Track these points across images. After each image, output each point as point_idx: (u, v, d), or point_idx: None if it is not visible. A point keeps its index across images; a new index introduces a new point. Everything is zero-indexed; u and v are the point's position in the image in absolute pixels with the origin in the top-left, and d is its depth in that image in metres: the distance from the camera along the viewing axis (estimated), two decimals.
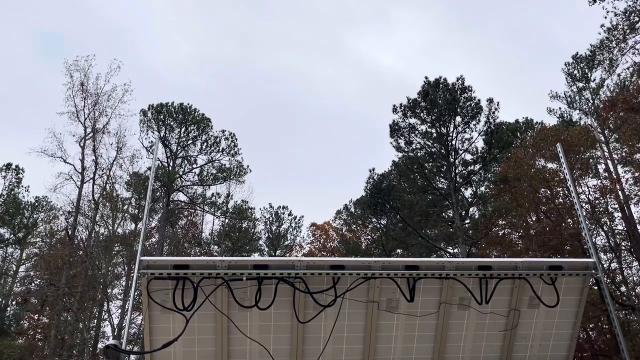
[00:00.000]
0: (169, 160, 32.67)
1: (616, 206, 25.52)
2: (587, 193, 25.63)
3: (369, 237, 38.27)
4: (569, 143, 24.09)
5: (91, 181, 28.13)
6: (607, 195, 24.96)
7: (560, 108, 32.20)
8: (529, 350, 5.43)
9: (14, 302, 33.37)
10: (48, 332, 26.42)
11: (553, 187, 25.27)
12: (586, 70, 30.33)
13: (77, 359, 25.07)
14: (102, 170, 28.45)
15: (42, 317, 31.08)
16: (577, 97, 30.81)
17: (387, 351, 5.22)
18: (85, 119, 29.14)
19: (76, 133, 29.66)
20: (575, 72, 30.63)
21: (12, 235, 33.80)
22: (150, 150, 30.52)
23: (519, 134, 33.29)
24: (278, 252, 40.06)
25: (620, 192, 24.97)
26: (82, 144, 28.69)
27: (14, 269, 34.69)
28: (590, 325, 29.15)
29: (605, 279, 5.23)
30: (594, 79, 30.20)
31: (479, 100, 28.39)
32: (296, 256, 39.80)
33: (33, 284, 31.84)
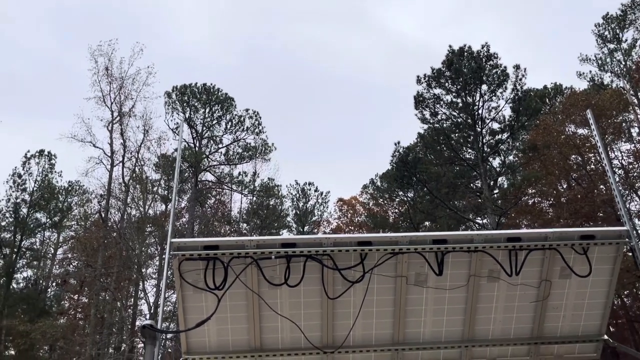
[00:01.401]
0: (195, 141, 33.02)
1: None
2: (620, 158, 24.96)
3: (396, 210, 38.18)
4: (600, 107, 23.38)
5: (121, 164, 28.73)
6: None
7: (590, 71, 31.17)
8: (561, 320, 5.39)
9: (54, 284, 34.72)
10: (88, 311, 27.42)
11: (584, 153, 24.66)
12: (617, 31, 29.17)
13: (117, 336, 25.99)
14: (131, 153, 29.00)
15: (81, 297, 32.23)
16: (608, 59, 29.73)
17: (416, 324, 5.25)
18: (112, 103, 29.62)
19: (103, 117, 30.26)
20: (606, 33, 29.51)
21: (48, 220, 34.90)
22: (176, 132, 30.90)
23: (547, 100, 32.44)
24: (306, 228, 40.39)
25: None
26: (110, 128, 29.24)
27: (52, 252, 35.96)
28: (625, 292, 28.71)
29: (639, 246, 5.12)
30: (626, 40, 29.07)
31: (505, 67, 27.73)
32: (324, 232, 40.10)
33: (71, 266, 32.98)
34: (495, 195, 29.37)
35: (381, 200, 39.70)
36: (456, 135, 29.82)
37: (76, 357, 24.34)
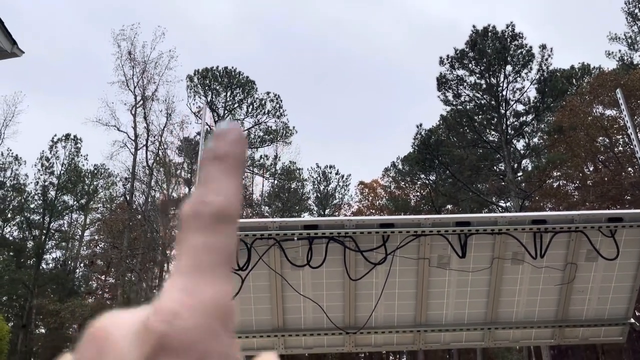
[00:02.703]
0: (216, 124, 33.21)
1: None
2: None
3: (418, 193, 37.99)
4: (629, 87, 22.73)
5: (144, 148, 29.12)
6: None
7: (620, 50, 30.27)
8: (587, 303, 5.33)
9: (81, 265, 35.61)
10: (115, 291, 28.12)
11: (612, 135, 24.11)
12: None
13: None
14: (154, 137, 29.36)
15: (108, 278, 33.04)
16: (638, 38, 28.82)
17: (439, 307, 5.25)
18: (135, 87, 29.94)
19: (127, 101, 30.65)
20: (636, 10, 28.54)
21: (75, 202, 35.70)
22: (199, 115, 31.12)
23: (574, 80, 31.66)
24: (327, 211, 40.51)
25: None
26: (133, 112, 29.61)
27: (80, 233, 36.83)
28: None
29: None
30: None
31: (530, 47, 27.14)
32: (345, 215, 40.20)
33: (98, 247, 33.75)
34: (519, 178, 28.98)
35: (403, 183, 39.54)
36: (479, 117, 29.41)
37: None
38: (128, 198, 28.98)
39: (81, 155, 36.34)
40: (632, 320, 5.43)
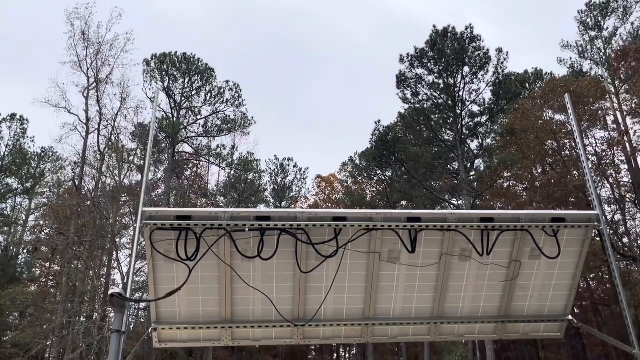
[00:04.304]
0: (173, 111, 32.47)
1: (623, 158, 25.33)
2: (594, 145, 25.40)
3: (374, 189, 38.41)
4: (578, 94, 23.65)
5: (96, 132, 28.12)
6: (615, 147, 24.73)
7: (571, 58, 31.46)
8: (529, 300, 5.51)
9: (24, 251, 34.16)
10: (59, 279, 27.12)
11: (560, 139, 25.03)
12: (599, 19, 29.39)
13: (88, 305, 25.81)
14: (107, 121, 28.37)
15: (53, 265, 31.84)
16: (588, 47, 30.02)
17: (387, 300, 5.31)
18: (88, 69, 28.80)
19: (79, 83, 29.44)
20: (588, 20, 29.71)
21: (20, 185, 34.17)
22: (153, 100, 30.31)
23: (527, 85, 32.71)
24: (283, 203, 40.39)
25: (628, 144, 24.73)
26: (85, 95, 28.50)
27: (24, 218, 35.31)
28: (591, 276, 29.60)
29: (607, 230, 5.23)
30: (607, 28, 29.31)
31: (487, 50, 27.79)
32: (301, 208, 40.17)
33: (43, 233, 32.44)
34: (472, 178, 29.73)
35: (360, 178, 39.88)
36: (436, 116, 29.94)
37: (46, 324, 24.12)
38: (77, 183, 27.93)
39: (27, 137, 34.78)
40: (571, 317, 5.65)
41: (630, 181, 25.23)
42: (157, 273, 4.85)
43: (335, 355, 50.72)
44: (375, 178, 37.18)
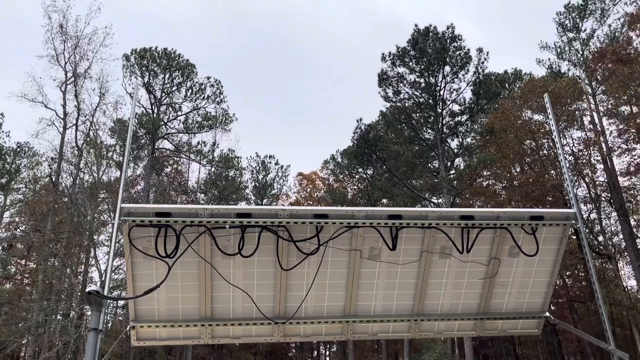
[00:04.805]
0: (153, 106, 32.10)
1: (599, 158, 25.83)
2: (572, 145, 25.86)
3: (355, 187, 38.53)
4: (556, 95, 24.03)
5: (74, 127, 27.64)
6: (591, 147, 25.21)
7: (549, 59, 31.91)
8: (507, 297, 5.57)
9: None
10: (35, 277, 26.63)
11: (538, 138, 25.42)
12: (577, 20, 29.86)
13: (65, 303, 25.40)
14: (85, 117, 27.92)
15: (29, 263, 31.25)
16: (567, 48, 30.48)
17: (368, 298, 5.31)
18: (66, 63, 28.30)
19: (57, 77, 28.87)
20: (567, 21, 30.16)
21: None
22: (132, 95, 29.90)
23: (507, 84, 33.11)
24: (265, 201, 40.26)
25: (603, 144, 25.22)
26: (63, 89, 28.00)
27: None
28: (567, 273, 30.15)
29: (584, 229, 5.31)
30: (585, 30, 29.80)
31: (468, 49, 28.04)
32: (282, 205, 40.06)
33: (18, 230, 31.78)
34: (452, 176, 30.00)
35: (341, 176, 39.96)
36: (417, 115, 30.12)
37: (22, 322, 23.67)
38: (54, 179, 27.43)
39: (2, 132, 34.00)
40: (548, 314, 5.74)
41: (606, 180, 25.76)
42: (136, 270, 4.78)
43: (316, 352, 50.82)
44: (357, 176, 37.31)
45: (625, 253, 26.11)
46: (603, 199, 26.85)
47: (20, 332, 22.62)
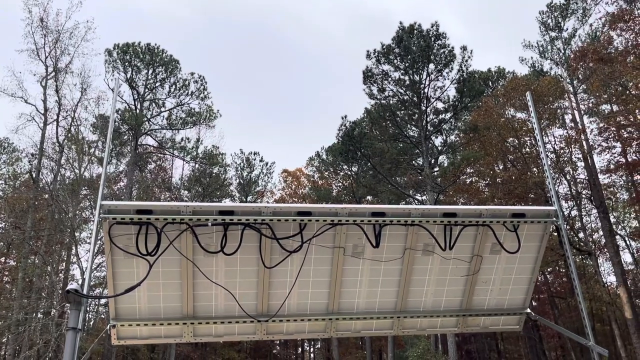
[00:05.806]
0: (136, 102, 31.74)
1: (580, 156, 26.20)
2: (553, 143, 26.18)
3: (340, 184, 38.55)
4: (538, 93, 24.30)
5: (55, 123, 27.22)
6: (572, 145, 25.55)
7: (532, 57, 32.28)
8: (489, 294, 5.62)
9: None
10: (15, 274, 26.21)
11: (521, 136, 25.67)
12: (559, 20, 30.21)
13: (46, 301, 25.05)
14: (66, 112, 27.51)
15: (8, 260, 30.73)
16: (549, 47, 30.83)
17: (351, 295, 5.32)
18: (47, 58, 27.83)
19: (37, 72, 28.38)
20: (549, 21, 30.49)
21: None
22: (113, 89, 29.52)
23: (490, 82, 33.39)
24: (249, 198, 40.10)
25: (584, 142, 25.58)
26: (43, 84, 27.53)
27: None
28: (548, 269, 30.57)
29: (565, 226, 5.37)
30: (567, 29, 30.17)
31: (452, 47, 28.17)
32: (267, 202, 39.97)
33: None
34: (436, 173, 30.18)
35: (326, 173, 39.95)
36: (402, 112, 30.22)
37: (2, 321, 23.30)
38: (34, 175, 26.99)
39: None
40: (529, 310, 5.80)
41: (587, 178, 26.13)
42: (116, 268, 4.72)
43: (300, 349, 50.87)
44: (342, 173, 37.32)
45: (605, 249, 26.54)
46: (584, 196, 27.25)
47: (0, 331, 22.26)
